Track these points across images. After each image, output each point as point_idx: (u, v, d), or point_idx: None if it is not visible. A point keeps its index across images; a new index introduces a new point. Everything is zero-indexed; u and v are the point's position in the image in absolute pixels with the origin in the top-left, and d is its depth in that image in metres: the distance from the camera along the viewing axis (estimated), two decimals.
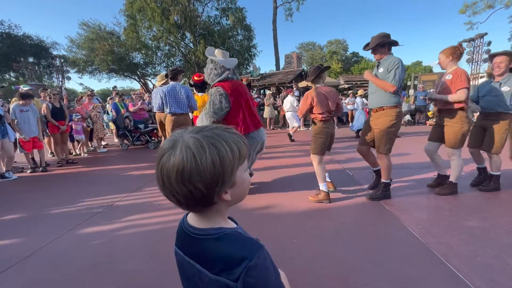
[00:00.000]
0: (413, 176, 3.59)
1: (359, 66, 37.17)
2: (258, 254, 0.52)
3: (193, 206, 0.54)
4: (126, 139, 7.26)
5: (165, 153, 0.50)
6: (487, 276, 1.60)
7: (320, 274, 1.69)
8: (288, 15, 23.37)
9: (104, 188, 3.69)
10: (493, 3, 18.44)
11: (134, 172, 4.48)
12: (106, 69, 20.59)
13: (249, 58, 20.27)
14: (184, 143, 0.49)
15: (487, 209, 2.52)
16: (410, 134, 7.84)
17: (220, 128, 0.55)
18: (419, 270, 1.68)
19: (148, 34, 18.77)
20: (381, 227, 2.28)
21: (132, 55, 20.96)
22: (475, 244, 1.94)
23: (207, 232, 0.55)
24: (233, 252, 0.52)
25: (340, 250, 1.95)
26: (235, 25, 18.34)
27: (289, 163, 4.57)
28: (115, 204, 3.04)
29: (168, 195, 0.52)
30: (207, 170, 0.48)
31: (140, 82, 23.70)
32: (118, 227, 2.48)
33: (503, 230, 2.11)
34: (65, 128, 5.43)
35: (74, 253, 2.07)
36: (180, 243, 0.61)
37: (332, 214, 2.57)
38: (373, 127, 2.75)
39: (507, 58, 2.78)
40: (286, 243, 2.07)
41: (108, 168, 4.89)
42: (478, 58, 15.21)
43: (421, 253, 1.86)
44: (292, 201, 2.90)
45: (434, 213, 2.51)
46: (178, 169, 0.48)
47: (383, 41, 2.55)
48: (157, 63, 21.94)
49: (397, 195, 2.98)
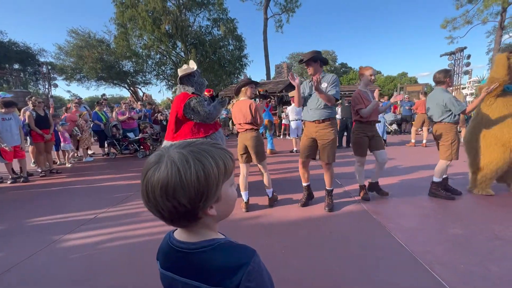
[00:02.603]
0: (400, 184, 3.67)
1: (347, 76, 38.20)
2: (254, 258, 0.53)
3: (178, 221, 0.54)
4: (114, 148, 7.11)
5: (150, 168, 0.50)
6: (471, 283, 1.63)
7: (307, 284, 1.68)
8: (278, 26, 23.94)
9: (88, 199, 3.58)
10: (471, 19, 19.53)
11: (121, 182, 4.38)
12: (95, 77, 20.36)
13: (240, 68, 20.53)
14: (169, 158, 0.50)
15: (470, 217, 2.59)
16: (396, 143, 8.05)
17: (207, 143, 0.55)
18: (405, 279, 1.70)
19: (139, 43, 18.77)
20: (369, 236, 2.30)
21: (122, 63, 20.87)
22: (458, 251, 1.98)
23: (201, 245, 0.55)
24: (230, 260, 0.53)
25: (328, 260, 1.95)
26: (226, 35, 18.62)
27: (275, 169, 4.58)
28: (99, 216, 2.94)
29: (153, 210, 0.52)
30: (191, 185, 0.48)
31: (130, 90, 23.48)
32: (101, 240, 2.40)
33: (485, 237, 2.17)
34: (50, 137, 5.28)
35: (54, 268, 1.98)
36: (169, 264, 0.59)
37: (320, 224, 2.58)
38: (320, 138, 2.80)
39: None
40: (275, 253, 2.05)
41: (93, 178, 4.75)
42: (459, 71, 15.96)
43: (407, 262, 1.88)
44: (282, 210, 2.90)
45: (420, 221, 2.55)
46: (162, 184, 0.48)
47: (316, 57, 2.72)
48: (147, 71, 21.90)
49: (385, 203, 3.03)
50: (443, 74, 3.08)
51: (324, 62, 2.81)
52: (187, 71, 2.85)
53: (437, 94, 3.08)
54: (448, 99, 2.95)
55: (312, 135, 2.85)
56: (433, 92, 3.20)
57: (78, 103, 7.43)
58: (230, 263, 0.52)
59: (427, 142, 7.12)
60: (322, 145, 2.79)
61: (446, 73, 3.09)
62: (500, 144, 3.05)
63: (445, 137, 3.03)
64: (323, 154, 2.82)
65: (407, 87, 18.28)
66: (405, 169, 4.61)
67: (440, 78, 3.10)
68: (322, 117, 2.75)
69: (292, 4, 22.20)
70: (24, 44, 21.70)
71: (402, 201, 3.07)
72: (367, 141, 3.12)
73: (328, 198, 2.94)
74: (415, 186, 3.60)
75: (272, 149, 6.66)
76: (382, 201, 3.10)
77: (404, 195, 3.26)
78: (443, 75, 3.08)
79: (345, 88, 19.00)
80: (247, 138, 2.97)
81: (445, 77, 3.07)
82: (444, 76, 3.08)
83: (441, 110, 3.04)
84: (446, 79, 3.08)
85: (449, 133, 3.01)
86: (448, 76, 3.08)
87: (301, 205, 3.00)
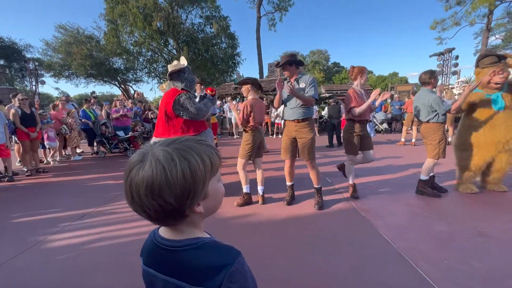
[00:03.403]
0: (388, 182, 3.73)
1: (340, 75, 38.57)
2: (238, 259, 0.53)
3: (164, 220, 0.53)
4: (103, 146, 6.97)
5: (134, 167, 0.49)
6: (453, 279, 1.67)
7: (295, 283, 1.69)
8: (271, 25, 23.94)
9: (76, 198, 3.50)
10: (459, 20, 19.96)
11: (109, 182, 4.30)
12: (84, 74, 19.89)
13: (233, 66, 20.45)
14: (153, 156, 0.49)
15: (455, 214, 2.66)
16: (387, 142, 8.18)
17: (192, 139, 0.54)
18: (390, 276, 1.73)
19: (130, 40, 18.46)
20: (357, 233, 2.33)
21: (112, 60, 20.44)
22: (442, 248, 2.03)
23: (185, 243, 0.54)
24: (214, 260, 0.52)
25: (316, 258, 1.96)
26: (219, 33, 18.50)
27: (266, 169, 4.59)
28: (86, 216, 2.88)
29: (138, 210, 0.51)
30: (177, 183, 0.47)
31: (120, 88, 23.06)
32: (88, 240, 2.35)
33: (469, 234, 2.23)
34: (36, 135, 5.14)
35: (39, 270, 1.93)
36: (152, 261, 0.59)
37: (309, 222, 2.59)
38: (300, 137, 2.85)
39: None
40: (264, 252, 2.05)
41: (81, 178, 4.65)
42: (447, 71, 16.31)
43: (394, 259, 1.92)
44: (271, 209, 2.91)
45: (407, 219, 2.60)
46: (147, 183, 0.47)
47: (291, 60, 2.78)
48: (138, 68, 21.55)
49: (374, 201, 3.07)
50: (429, 75, 3.14)
51: (300, 64, 2.89)
52: (177, 67, 2.83)
53: (423, 95, 3.14)
54: (433, 100, 3.01)
55: (292, 134, 2.90)
56: (419, 92, 3.26)
57: (66, 101, 7.25)
58: (213, 263, 0.52)
59: (416, 141, 7.26)
60: (302, 144, 2.85)
61: (431, 74, 3.15)
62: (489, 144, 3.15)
63: (432, 137, 3.09)
64: (303, 153, 2.87)
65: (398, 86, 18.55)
66: (394, 167, 4.68)
67: (426, 79, 3.16)
68: (301, 116, 2.82)
69: (285, 2, 22.24)
70: (10, 40, 21.03)
71: (390, 199, 3.12)
72: (358, 140, 3.16)
73: (318, 196, 2.97)
74: (404, 184, 3.66)
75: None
76: (371, 199, 3.15)
77: (393, 193, 3.32)
78: (428, 76, 3.14)
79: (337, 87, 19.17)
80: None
81: (430, 78, 3.14)
82: (429, 77, 3.14)
83: (427, 110, 3.10)
84: (431, 80, 3.14)
85: (436, 132, 3.07)
86: (433, 77, 3.14)
87: (286, 203, 3.02)
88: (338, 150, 6.86)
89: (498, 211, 2.70)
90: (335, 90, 16.32)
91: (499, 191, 3.23)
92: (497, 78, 3.01)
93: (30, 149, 5.15)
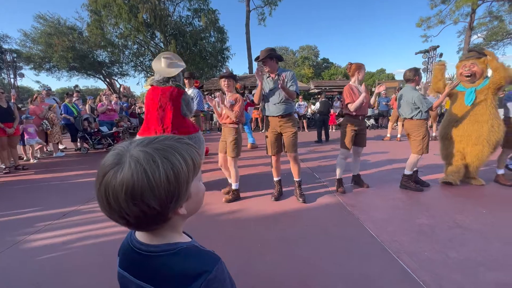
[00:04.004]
0: (374, 177, 3.82)
1: (329, 71, 38.88)
2: (217, 266, 0.51)
3: (145, 226, 0.50)
4: (86, 142, 6.76)
5: (109, 170, 0.45)
6: (432, 270, 1.74)
7: (282, 279, 1.71)
8: (261, 19, 23.75)
9: (57, 196, 3.39)
10: (444, 19, 20.49)
11: (93, 179, 4.16)
12: (66, 67, 19.05)
13: (222, 61, 20.19)
14: (132, 157, 0.45)
15: (436, 207, 2.76)
16: (373, 137, 8.36)
17: (171, 138, 0.51)
18: (374, 268, 1.78)
19: (115, 32, 17.82)
20: (342, 228, 2.38)
21: (96, 52, 19.69)
22: (423, 240, 2.10)
23: (162, 248, 0.51)
24: (191, 266, 0.50)
25: (303, 253, 1.99)
26: (208, 26, 18.16)
27: (252, 164, 4.60)
28: (68, 214, 2.80)
29: (114, 216, 0.47)
30: (161, 187, 0.44)
31: (105, 82, 22.33)
32: (71, 239, 2.28)
33: (447, 226, 2.32)
34: (13, 131, 4.90)
35: (18, 271, 1.86)
36: (127, 264, 0.56)
37: (297, 217, 2.63)
38: (284, 131, 2.90)
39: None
40: (252, 249, 2.06)
41: (64, 175, 4.50)
42: (432, 68, 16.74)
43: (377, 252, 1.98)
44: (259, 205, 2.92)
45: (390, 213, 2.68)
46: (127, 187, 0.43)
47: (272, 54, 2.80)
48: (124, 62, 20.87)
49: (360, 196, 3.15)
50: (413, 73, 3.22)
51: (280, 59, 2.91)
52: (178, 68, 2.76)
53: (407, 92, 3.22)
54: (417, 97, 3.09)
55: (276, 129, 2.93)
56: (403, 90, 3.34)
57: (47, 95, 6.96)
58: (190, 269, 0.49)
59: (401, 137, 7.46)
60: (287, 138, 2.89)
61: (415, 71, 3.24)
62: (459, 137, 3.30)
63: (416, 133, 3.18)
64: (289, 146, 2.91)
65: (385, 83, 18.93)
66: (380, 162, 4.80)
67: (410, 76, 3.24)
68: (285, 111, 2.85)
69: None
70: None
71: (376, 193, 3.21)
72: (354, 135, 3.23)
73: (299, 189, 3.03)
74: (388, 178, 3.76)
75: (253, 143, 6.67)
76: (358, 194, 3.22)
77: (378, 187, 3.41)
78: (412, 74, 3.23)
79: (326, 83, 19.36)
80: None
81: (414, 75, 3.22)
82: (413, 74, 3.22)
83: (410, 107, 3.18)
84: (415, 77, 3.22)
85: (420, 129, 3.16)
86: (417, 74, 3.23)
87: (274, 199, 3.04)
88: (326, 145, 6.96)
89: (475, 204, 2.82)
90: (324, 86, 16.47)
91: (477, 184, 3.37)
92: (462, 70, 3.26)
93: (9, 145, 4.92)
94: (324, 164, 4.72)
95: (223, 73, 3.16)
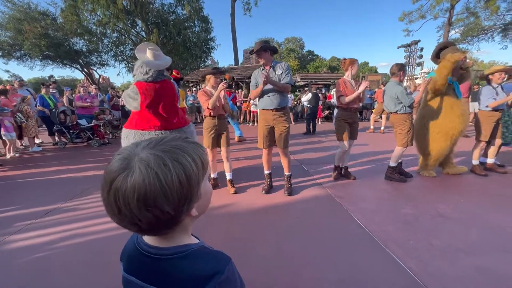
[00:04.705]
0: (360, 168, 3.93)
1: (314, 64, 39.14)
2: (228, 267, 0.51)
3: (158, 230, 0.48)
4: (63, 136, 6.43)
5: (117, 176, 0.42)
6: (416, 257, 1.83)
7: (275, 272, 1.74)
8: (246, 9, 23.25)
9: (37, 194, 3.22)
10: (425, 13, 21.04)
11: (75, 174, 4.01)
12: (39, 55, 17.79)
13: (207, 51, 19.71)
14: (142, 161, 0.43)
15: (419, 197, 2.89)
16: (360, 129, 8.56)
17: (178, 138, 0.50)
18: (363, 258, 1.85)
19: (92, 19, 16.83)
20: (332, 219, 2.44)
21: (72, 40, 18.51)
22: (408, 229, 2.21)
23: (172, 251, 0.51)
24: (203, 268, 0.50)
25: (294, 245, 2.03)
26: (192, 15, 17.58)
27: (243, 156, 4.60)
28: (50, 213, 2.67)
29: (124, 223, 0.45)
30: (174, 190, 0.43)
31: (83, 72, 21.16)
32: (54, 239, 2.19)
33: (430, 215, 2.45)
34: None
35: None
36: (134, 268, 0.54)
37: (287, 210, 2.66)
38: (277, 125, 2.89)
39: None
40: (244, 242, 2.08)
41: (43, 171, 4.28)
42: (413, 62, 17.29)
43: (366, 241, 2.05)
44: (249, 198, 2.93)
45: (377, 203, 2.78)
46: (139, 192, 0.41)
47: (266, 46, 2.79)
48: (103, 51, 19.84)
49: (347, 187, 3.23)
50: (398, 67, 3.33)
51: (274, 51, 2.88)
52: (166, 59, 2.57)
53: (391, 87, 3.32)
54: (400, 92, 3.20)
55: (269, 123, 2.92)
56: (387, 85, 3.45)
57: (20, 85, 6.52)
58: (202, 271, 0.49)
59: (384, 129, 7.70)
60: (279, 132, 2.90)
61: (401, 67, 3.34)
62: (443, 133, 3.42)
63: (401, 126, 3.29)
64: (280, 141, 2.92)
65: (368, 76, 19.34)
66: (365, 154, 4.94)
67: (395, 71, 3.36)
68: (279, 105, 2.85)
69: None
70: None
71: (363, 185, 3.31)
72: (347, 127, 3.32)
73: (288, 183, 3.07)
74: (374, 170, 3.89)
75: (240, 136, 6.64)
76: (346, 185, 3.31)
77: (364, 179, 3.52)
78: (397, 68, 3.34)
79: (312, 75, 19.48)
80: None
81: (398, 70, 3.32)
82: (398, 69, 3.33)
83: (394, 102, 3.29)
84: (400, 72, 3.32)
85: (405, 122, 3.27)
86: (401, 70, 3.32)
87: (265, 192, 3.07)
88: (313, 138, 7.06)
89: (454, 193, 2.98)
90: (310, 79, 16.57)
91: (457, 173, 3.56)
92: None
93: None
94: (313, 157, 4.79)
95: (213, 68, 3.09)
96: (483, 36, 20.70)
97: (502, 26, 19.22)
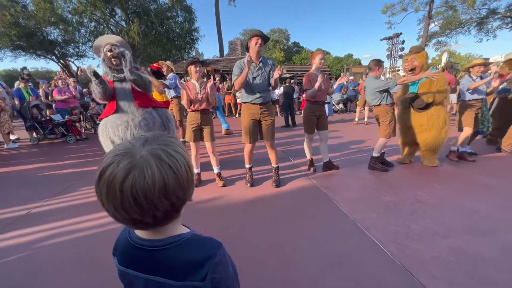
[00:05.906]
0: (344, 159, 4.06)
1: (300, 56, 39.15)
2: (219, 251, 0.56)
3: (170, 217, 0.53)
4: (36, 132, 6.14)
5: (128, 174, 0.45)
6: (397, 241, 1.95)
7: (265, 261, 1.80)
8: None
9: (16, 193, 3.09)
10: (406, 6, 21.48)
11: (57, 171, 3.87)
12: (10, 45, 16.67)
13: (191, 42, 19.20)
14: (154, 156, 0.47)
15: (399, 185, 3.04)
16: (342, 121, 8.77)
17: (164, 134, 0.55)
18: (348, 244, 1.95)
19: (67, 7, 15.86)
20: (318, 208, 2.53)
21: (46, 30, 17.42)
22: (389, 216, 2.33)
23: (166, 241, 0.54)
24: (197, 254, 0.54)
25: (283, 235, 2.10)
26: (174, 5, 16.99)
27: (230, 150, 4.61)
28: (32, 212, 2.59)
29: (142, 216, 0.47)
30: (184, 177, 0.50)
31: (59, 64, 20.07)
32: (39, 237, 2.13)
33: (409, 202, 2.59)
34: None
35: None
36: (129, 260, 0.57)
37: (275, 201, 2.73)
38: (264, 119, 2.93)
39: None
40: (235, 234, 2.12)
41: (21, 168, 4.09)
42: (395, 54, 17.69)
43: (350, 229, 2.15)
44: (238, 191, 2.97)
45: (360, 192, 2.90)
46: (159, 185, 0.46)
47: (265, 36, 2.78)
48: (81, 41, 18.86)
49: (332, 177, 3.34)
50: (375, 63, 3.46)
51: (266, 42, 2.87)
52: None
53: (369, 83, 3.46)
54: (378, 86, 3.34)
55: (256, 117, 2.92)
56: (366, 80, 3.58)
57: None
58: (196, 257, 0.53)
59: (368, 120, 7.92)
60: (266, 126, 2.94)
61: (377, 62, 3.47)
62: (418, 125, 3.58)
63: (384, 118, 3.42)
64: (267, 134, 2.96)
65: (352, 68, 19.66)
66: (349, 144, 5.09)
67: (372, 66, 3.49)
68: (266, 99, 2.89)
69: None
70: None
71: (347, 175, 3.43)
72: (315, 120, 3.39)
73: (276, 175, 3.14)
74: (357, 160, 4.03)
75: (227, 129, 6.62)
76: (330, 176, 3.41)
77: (348, 169, 3.64)
78: (374, 64, 3.47)
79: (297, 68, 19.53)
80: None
81: (375, 65, 3.46)
82: (374, 65, 3.46)
83: (374, 96, 3.43)
84: (376, 67, 3.44)
85: (387, 114, 3.40)
86: (378, 65, 3.45)
87: (250, 185, 3.10)
88: (297, 130, 7.16)
89: (431, 181, 3.16)
90: (296, 71, 16.61)
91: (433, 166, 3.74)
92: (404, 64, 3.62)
93: None
94: (298, 148, 4.88)
95: (193, 58, 3.02)
96: (460, 30, 21.49)
97: (478, 20, 20.02)
